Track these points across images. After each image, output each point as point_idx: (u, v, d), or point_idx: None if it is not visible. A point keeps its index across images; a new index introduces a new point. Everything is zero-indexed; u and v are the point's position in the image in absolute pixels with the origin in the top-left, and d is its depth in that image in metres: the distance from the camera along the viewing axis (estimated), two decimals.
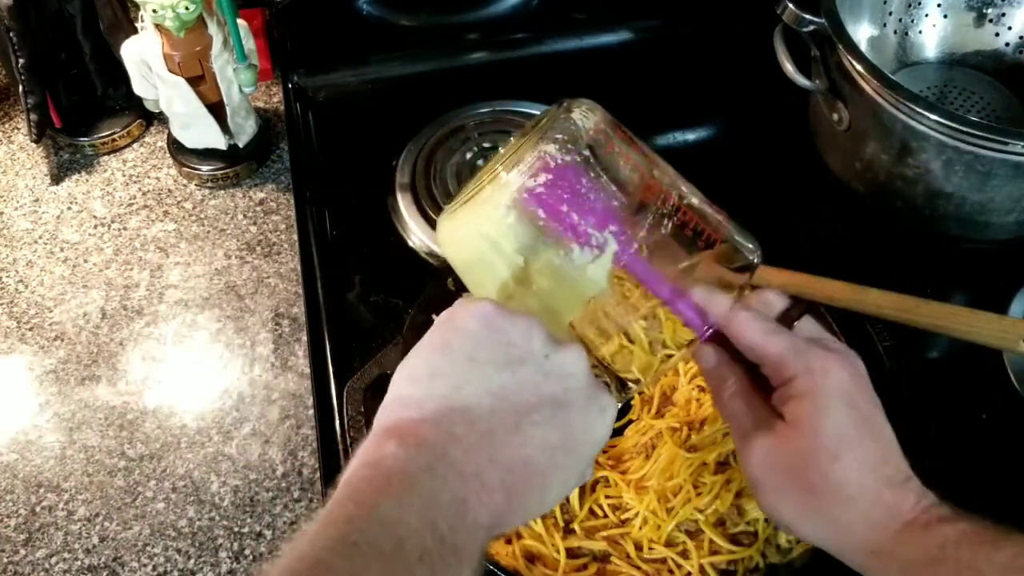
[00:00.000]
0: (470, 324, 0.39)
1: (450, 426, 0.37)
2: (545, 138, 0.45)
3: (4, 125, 0.90)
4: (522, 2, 1.03)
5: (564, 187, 0.44)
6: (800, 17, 0.75)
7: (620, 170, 0.45)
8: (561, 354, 0.40)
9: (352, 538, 0.32)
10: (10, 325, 0.75)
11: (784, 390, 0.46)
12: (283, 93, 0.92)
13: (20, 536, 0.64)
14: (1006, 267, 0.76)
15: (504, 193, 0.44)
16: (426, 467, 0.35)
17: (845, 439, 0.44)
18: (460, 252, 0.48)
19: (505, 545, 0.58)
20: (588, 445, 0.41)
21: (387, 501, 0.33)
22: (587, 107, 0.47)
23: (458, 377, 0.38)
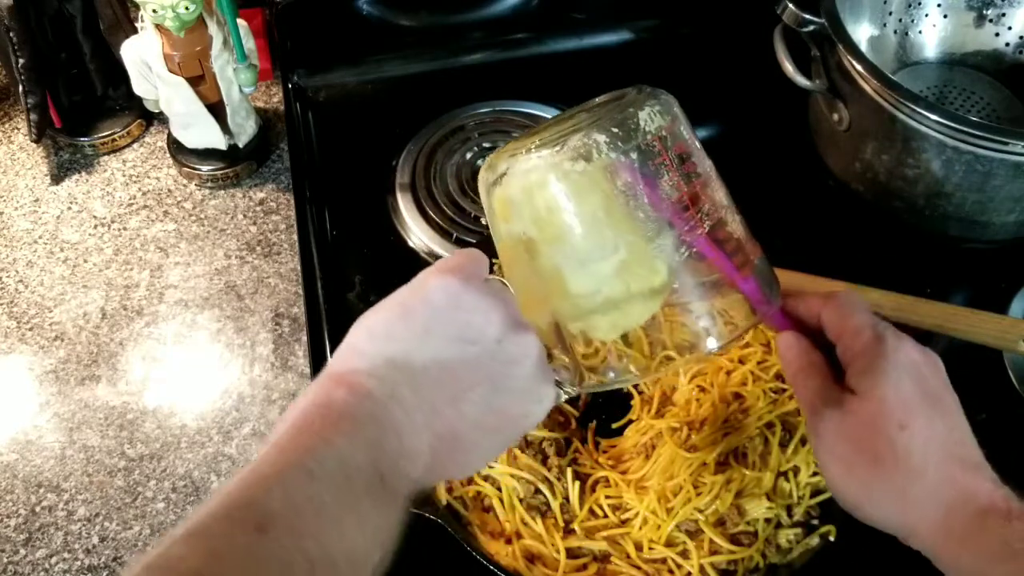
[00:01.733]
0: (436, 296, 0.41)
1: (394, 386, 0.39)
2: (600, 125, 0.44)
3: (4, 125, 0.90)
4: (522, 2, 1.03)
5: (598, 181, 0.44)
6: (800, 17, 0.75)
7: (661, 184, 0.45)
8: (513, 342, 0.42)
9: (309, 466, 0.35)
10: (10, 325, 0.75)
11: (856, 365, 0.46)
12: (283, 93, 0.92)
13: (20, 536, 0.64)
14: (1006, 267, 0.76)
15: (540, 164, 0.44)
16: (371, 416, 0.38)
17: (912, 408, 0.43)
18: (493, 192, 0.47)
19: (505, 545, 0.58)
20: (516, 430, 0.44)
21: (340, 438, 0.36)
22: (660, 108, 0.46)
23: (411, 344, 0.40)
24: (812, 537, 0.58)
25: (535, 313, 0.46)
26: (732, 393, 0.64)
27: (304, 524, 0.33)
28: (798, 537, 0.58)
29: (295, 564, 0.32)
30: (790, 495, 0.59)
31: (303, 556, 0.32)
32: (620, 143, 0.44)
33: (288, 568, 0.32)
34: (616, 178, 0.44)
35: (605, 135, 0.44)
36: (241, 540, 0.32)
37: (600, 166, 0.44)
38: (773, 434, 0.61)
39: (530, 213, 0.45)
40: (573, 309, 0.46)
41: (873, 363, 0.45)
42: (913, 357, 0.46)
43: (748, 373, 0.64)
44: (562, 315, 0.46)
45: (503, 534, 0.59)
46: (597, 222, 0.44)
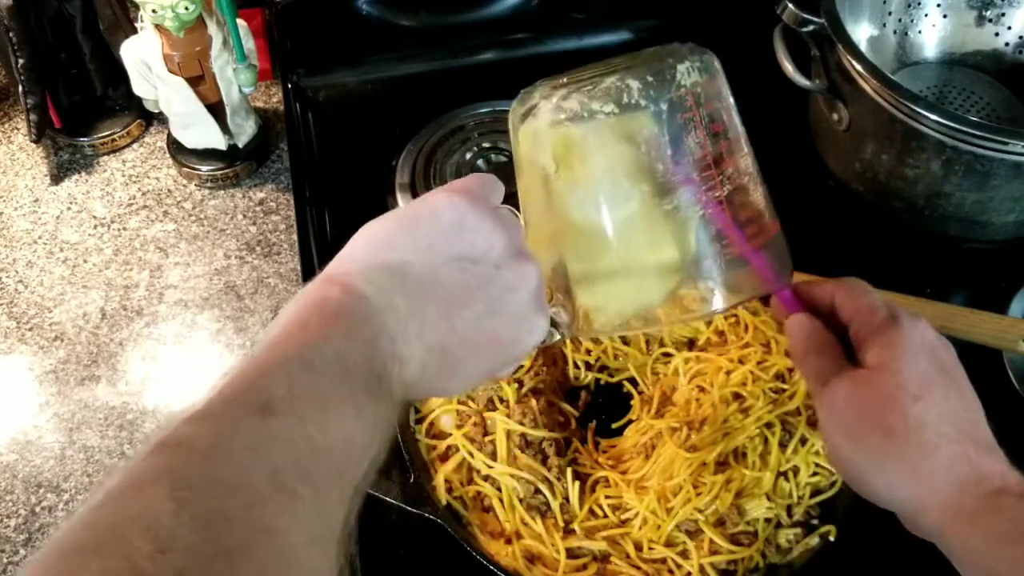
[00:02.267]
0: (443, 213, 0.42)
1: (390, 294, 0.39)
2: (636, 71, 0.44)
3: (4, 125, 0.90)
4: (522, 2, 1.03)
5: (623, 126, 0.44)
6: (800, 17, 0.75)
7: (686, 140, 0.44)
8: (513, 269, 0.42)
9: (309, 358, 0.35)
10: (10, 325, 0.75)
11: (868, 342, 0.45)
12: (283, 93, 0.91)
13: (20, 536, 0.64)
14: (1006, 267, 0.76)
15: (570, 102, 0.44)
16: (366, 317, 0.38)
17: (927, 382, 0.43)
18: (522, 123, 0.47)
19: (505, 545, 0.58)
20: (505, 355, 0.44)
21: (336, 335, 0.36)
22: (701, 64, 0.46)
23: (410, 254, 0.40)
24: (812, 537, 0.58)
25: (543, 250, 0.46)
26: (732, 393, 0.64)
27: (306, 410, 0.33)
28: (798, 537, 0.58)
29: (297, 445, 0.32)
30: (790, 495, 0.59)
31: (306, 439, 0.33)
32: (652, 91, 0.44)
33: (291, 448, 0.32)
34: (642, 126, 0.44)
35: (639, 82, 0.44)
36: (247, 421, 0.32)
37: (628, 111, 0.44)
38: (773, 434, 0.61)
39: (552, 148, 0.45)
40: (580, 260, 0.46)
41: (889, 338, 0.44)
42: (928, 336, 0.45)
43: (748, 373, 0.64)
44: (569, 259, 0.46)
45: (503, 534, 0.59)
46: (614, 168, 0.44)
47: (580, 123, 0.44)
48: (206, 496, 0.29)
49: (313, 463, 0.33)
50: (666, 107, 0.44)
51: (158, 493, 0.29)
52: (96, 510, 0.29)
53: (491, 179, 0.45)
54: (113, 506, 0.29)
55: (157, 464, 0.30)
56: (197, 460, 0.31)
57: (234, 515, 0.29)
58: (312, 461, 0.33)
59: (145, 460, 0.30)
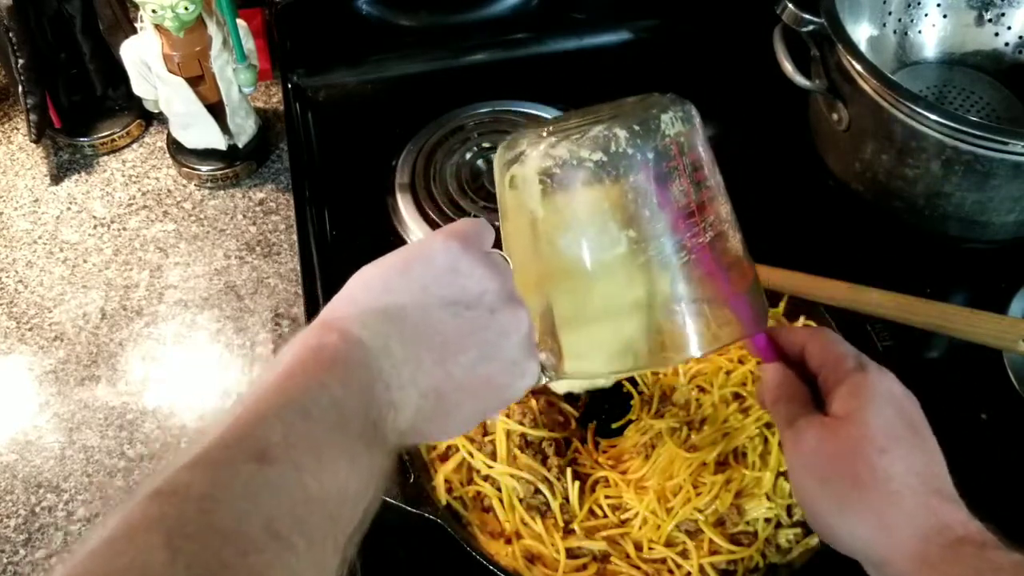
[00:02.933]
0: (437, 257, 0.42)
1: (386, 338, 0.39)
2: (622, 121, 0.45)
3: (4, 125, 0.90)
4: (522, 2, 1.03)
5: (611, 173, 0.45)
6: (800, 17, 0.75)
7: (671, 187, 0.46)
8: (506, 315, 0.43)
9: (305, 405, 0.35)
10: (9, 325, 0.75)
11: (836, 391, 0.47)
12: (283, 93, 0.91)
13: (20, 536, 0.64)
14: (1006, 267, 0.76)
15: (558, 149, 0.45)
16: (362, 363, 0.38)
17: (893, 435, 0.44)
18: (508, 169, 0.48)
19: (505, 545, 0.58)
20: (497, 400, 0.45)
21: (333, 382, 0.37)
22: (683, 114, 0.47)
23: (406, 299, 0.41)
24: (812, 537, 0.58)
25: (530, 293, 0.46)
26: (732, 393, 0.64)
27: (302, 458, 0.34)
28: (798, 537, 0.58)
29: (293, 494, 0.33)
30: (790, 495, 0.59)
31: (301, 488, 0.33)
32: (639, 140, 0.45)
33: (287, 497, 0.32)
34: (629, 173, 0.45)
35: (626, 130, 0.45)
36: (243, 468, 0.32)
37: (615, 159, 0.45)
38: (773, 434, 0.61)
39: (540, 194, 0.46)
40: (567, 303, 0.47)
41: (857, 388, 0.46)
42: (895, 389, 0.46)
43: (748, 373, 0.64)
44: (555, 302, 0.47)
45: (503, 534, 0.59)
46: (602, 213, 0.45)
47: (568, 169, 0.45)
48: (201, 545, 0.29)
49: (308, 512, 0.33)
50: (652, 155, 0.45)
51: (152, 542, 0.29)
52: (90, 558, 0.29)
53: (483, 224, 0.46)
54: (106, 555, 0.29)
55: (151, 512, 0.30)
56: (192, 508, 0.30)
57: (230, 564, 0.29)
58: (307, 510, 0.33)
59: (140, 507, 0.30)
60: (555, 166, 0.45)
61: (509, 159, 0.48)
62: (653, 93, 0.49)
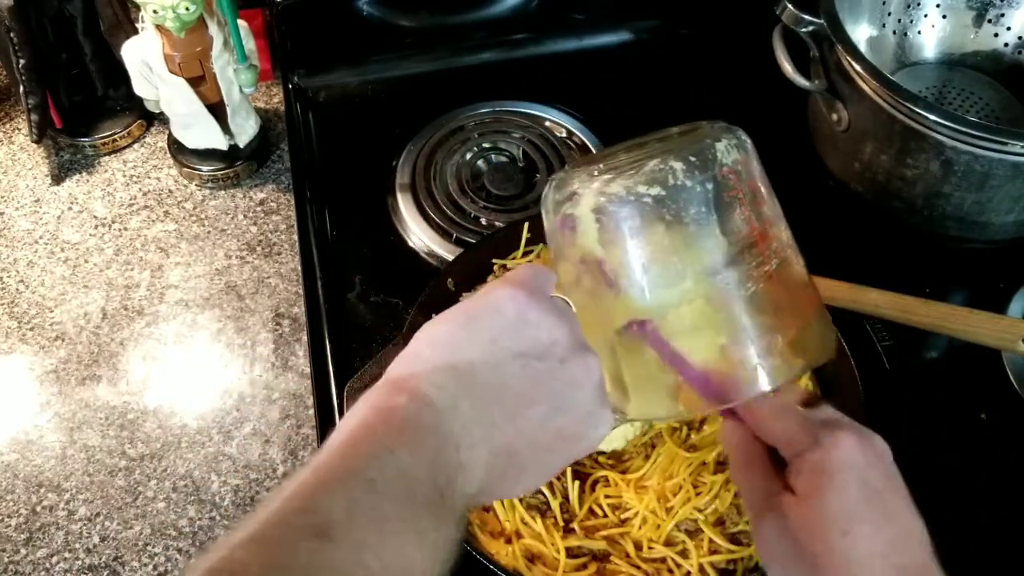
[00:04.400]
0: (504, 306, 0.41)
1: (455, 397, 0.38)
2: (678, 153, 0.44)
3: (5, 126, 0.91)
4: (522, 2, 1.03)
5: (671, 207, 0.44)
6: (799, 17, 0.75)
7: (733, 217, 0.44)
8: (577, 363, 0.41)
9: (371, 475, 0.34)
10: (11, 325, 0.75)
11: (795, 465, 0.45)
12: (283, 93, 0.92)
13: (21, 536, 0.64)
14: (1005, 267, 0.76)
15: (613, 186, 0.44)
16: (433, 426, 0.37)
17: (854, 514, 0.43)
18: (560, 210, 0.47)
19: (505, 545, 0.58)
20: (572, 450, 0.42)
21: (402, 448, 0.35)
22: (737, 142, 0.46)
23: (474, 353, 0.39)
24: None
25: (593, 337, 0.45)
26: None
27: (365, 535, 0.32)
28: None
29: (354, 574, 0.31)
30: None
31: (363, 568, 0.32)
32: (697, 172, 0.44)
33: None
34: (689, 206, 0.44)
35: (682, 163, 0.44)
36: (303, 547, 0.31)
37: (674, 192, 0.43)
38: None
39: (598, 234, 0.45)
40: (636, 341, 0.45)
41: (815, 468, 0.44)
42: (853, 455, 0.44)
43: None
44: (620, 344, 0.45)
45: (503, 534, 0.59)
46: (665, 249, 0.44)
47: (626, 206, 0.44)
48: None
49: None
50: (712, 186, 0.44)
51: None
52: None
53: (543, 269, 0.44)
54: None
55: None
56: None
57: None
58: None
59: None
60: (611, 204, 0.44)
61: (559, 199, 0.46)
62: (701, 122, 0.48)
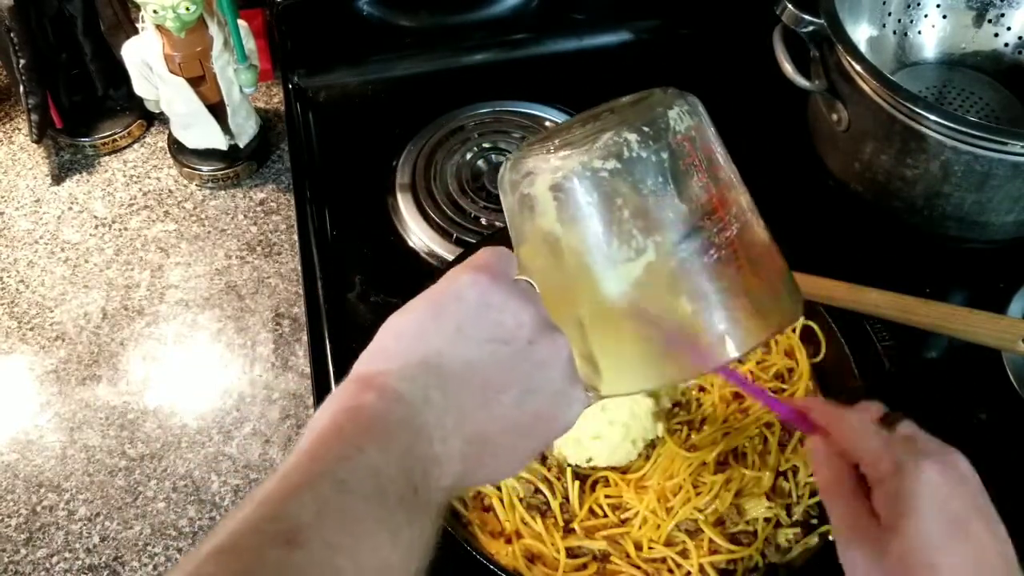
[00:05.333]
0: (467, 293, 0.40)
1: (425, 388, 0.38)
2: (632, 124, 0.44)
3: (5, 126, 0.91)
4: (522, 2, 1.03)
5: (627, 180, 0.43)
6: (799, 17, 0.75)
7: (691, 184, 0.44)
8: (544, 343, 0.41)
9: (341, 475, 0.33)
10: (11, 325, 0.75)
11: (878, 491, 0.45)
12: (283, 93, 0.92)
13: (21, 536, 0.64)
14: (1005, 267, 0.76)
15: (569, 163, 0.44)
16: (403, 421, 0.36)
17: (939, 545, 0.43)
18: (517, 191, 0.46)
19: (505, 545, 0.58)
20: (548, 432, 0.42)
21: (372, 446, 0.35)
22: (688, 108, 0.46)
23: (441, 343, 0.39)
24: (811, 537, 0.58)
25: (559, 316, 0.44)
26: (732, 393, 0.64)
27: (336, 537, 0.32)
28: (797, 537, 0.58)
29: None
30: (789, 494, 0.60)
31: (335, 571, 0.31)
32: (651, 142, 0.43)
33: None
34: (646, 177, 0.43)
35: (636, 134, 0.43)
36: (272, 555, 0.30)
37: (630, 164, 0.43)
38: (772, 434, 0.61)
39: (557, 212, 0.44)
40: (600, 319, 0.45)
41: (897, 496, 0.44)
42: (932, 480, 0.44)
43: (748, 373, 0.64)
44: (586, 321, 0.45)
45: (503, 534, 0.59)
46: (625, 222, 0.44)
47: (582, 182, 0.43)
48: None
49: None
50: (667, 155, 0.44)
51: None
52: None
53: (504, 251, 0.44)
54: None
55: None
56: None
57: None
58: None
59: None
60: (567, 180, 0.44)
61: (516, 179, 0.46)
62: (652, 90, 0.48)
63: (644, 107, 0.46)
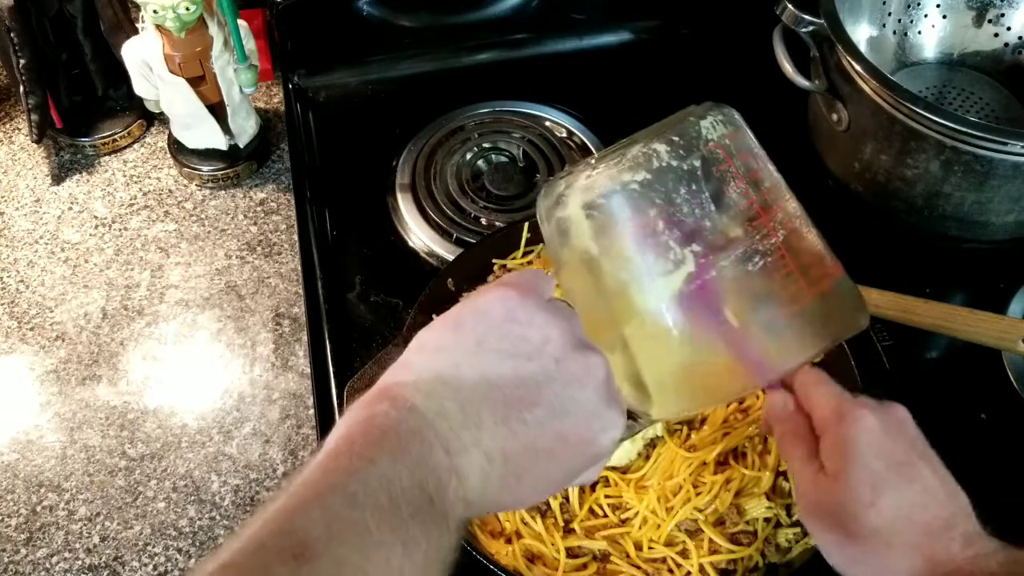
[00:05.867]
0: (492, 308, 0.39)
1: (440, 400, 0.37)
2: (661, 136, 0.43)
3: (5, 126, 0.91)
4: (522, 2, 1.03)
5: (659, 191, 0.42)
6: (799, 17, 0.75)
7: (727, 192, 0.43)
8: (575, 361, 0.39)
9: (352, 488, 0.33)
10: (11, 325, 0.75)
11: (824, 440, 0.48)
12: (283, 93, 0.92)
13: (21, 536, 0.64)
14: (1005, 267, 0.76)
15: (599, 179, 0.43)
16: (416, 431, 0.36)
17: (878, 483, 0.45)
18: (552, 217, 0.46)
19: (505, 545, 0.58)
20: (578, 457, 0.40)
21: (383, 457, 0.34)
22: (723, 117, 0.45)
23: (460, 356, 0.38)
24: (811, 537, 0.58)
25: (603, 339, 0.43)
26: None
27: (347, 552, 0.31)
28: (797, 536, 0.58)
29: None
30: (789, 494, 0.60)
31: None
32: (682, 151, 0.43)
33: None
34: (679, 186, 0.43)
35: (665, 144, 0.43)
36: (279, 571, 0.30)
37: (660, 175, 0.42)
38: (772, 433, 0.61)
39: (591, 230, 0.43)
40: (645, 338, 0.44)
41: (838, 445, 0.46)
42: (871, 427, 0.46)
43: None
44: (631, 342, 0.44)
45: (503, 534, 0.59)
46: (660, 233, 0.43)
47: (613, 197, 0.42)
48: None
49: None
50: (699, 163, 0.43)
51: None
52: None
53: (540, 273, 0.43)
54: None
55: None
56: None
57: None
58: None
59: None
60: (599, 197, 0.43)
61: (550, 205, 0.45)
62: (690, 107, 0.47)
63: (675, 119, 0.45)
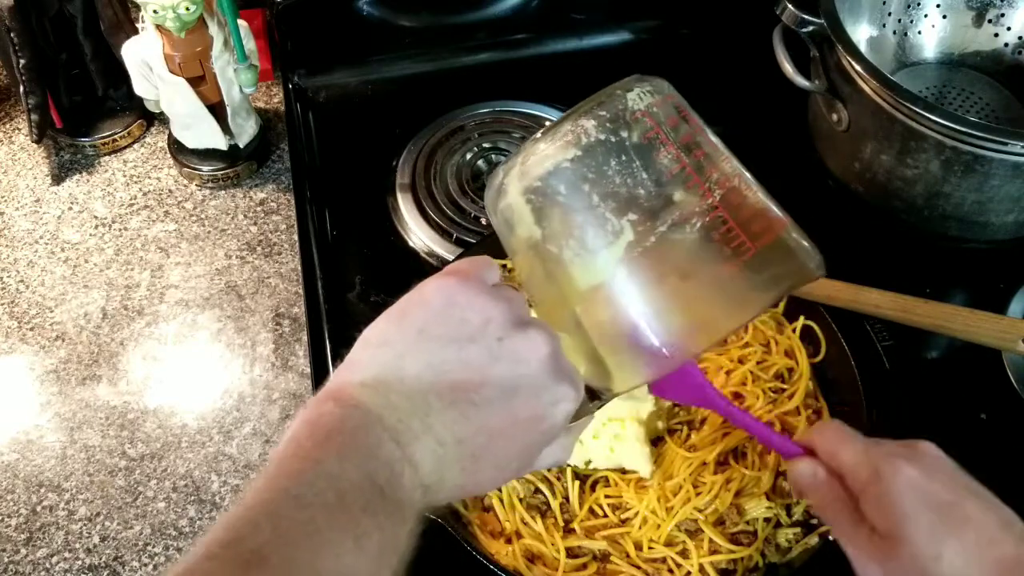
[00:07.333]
0: (432, 297, 0.40)
1: (386, 392, 0.37)
2: (590, 112, 0.43)
3: (5, 126, 0.91)
4: (522, 2, 1.03)
5: (590, 165, 0.43)
6: (799, 17, 0.75)
7: (658, 158, 0.43)
8: (516, 339, 0.39)
9: (298, 491, 0.33)
10: (11, 325, 0.75)
11: (864, 500, 0.46)
12: (283, 93, 0.92)
13: (21, 536, 0.64)
14: (1005, 267, 0.76)
15: (532, 162, 0.43)
16: (361, 426, 0.36)
17: (937, 536, 0.43)
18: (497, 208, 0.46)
19: (505, 545, 0.58)
20: (534, 434, 0.40)
21: (330, 456, 0.34)
22: (650, 87, 0.45)
23: (403, 347, 0.39)
24: (811, 536, 0.58)
25: (558, 320, 0.44)
26: (732, 393, 0.64)
27: (297, 554, 0.31)
28: (797, 536, 0.58)
29: None
30: (789, 494, 0.60)
31: None
32: (608, 124, 0.43)
33: None
34: (609, 158, 0.43)
35: (592, 119, 0.43)
36: None
37: (590, 150, 0.43)
38: None
39: (532, 215, 0.44)
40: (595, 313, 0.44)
41: (882, 500, 0.45)
42: (911, 477, 0.45)
43: (748, 373, 0.64)
44: (584, 319, 0.44)
45: (503, 534, 0.59)
46: (596, 207, 0.43)
47: (548, 178, 0.43)
48: None
49: None
50: (627, 134, 0.43)
51: None
52: None
53: (484, 258, 0.43)
54: None
55: None
56: None
57: None
58: None
59: None
60: (535, 180, 0.43)
61: (493, 196, 0.46)
62: (616, 82, 0.47)
63: (602, 95, 0.45)
